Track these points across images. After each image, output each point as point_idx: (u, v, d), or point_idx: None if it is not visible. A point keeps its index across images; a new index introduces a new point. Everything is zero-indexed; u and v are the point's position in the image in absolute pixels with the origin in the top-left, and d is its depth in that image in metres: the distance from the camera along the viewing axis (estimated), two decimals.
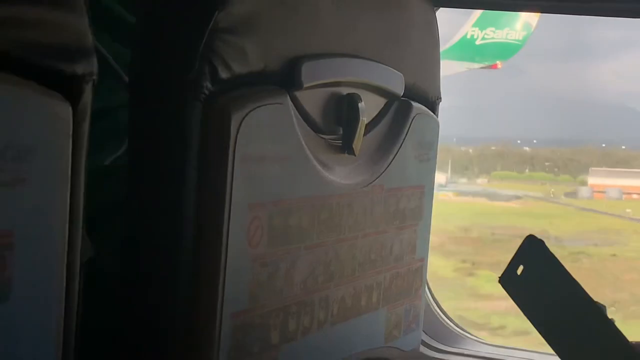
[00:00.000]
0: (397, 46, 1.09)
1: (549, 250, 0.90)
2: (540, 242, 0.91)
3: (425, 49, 1.17)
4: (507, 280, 0.94)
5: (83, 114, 0.65)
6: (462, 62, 13.24)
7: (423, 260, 1.19)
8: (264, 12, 0.83)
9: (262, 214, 0.84)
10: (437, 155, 1.21)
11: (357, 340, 1.06)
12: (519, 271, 0.93)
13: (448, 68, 13.23)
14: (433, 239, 1.22)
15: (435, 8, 1.22)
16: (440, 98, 1.23)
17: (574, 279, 0.87)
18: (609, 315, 0.87)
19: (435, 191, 1.18)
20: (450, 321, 1.71)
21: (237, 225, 0.81)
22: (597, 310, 0.86)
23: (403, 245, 1.13)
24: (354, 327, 1.04)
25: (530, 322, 0.93)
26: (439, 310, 1.71)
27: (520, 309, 0.93)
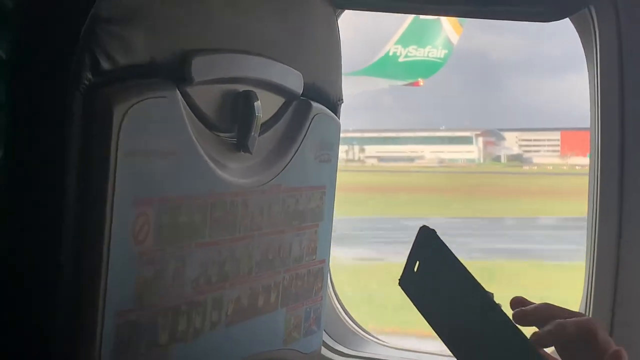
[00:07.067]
0: (295, 45, 1.08)
1: (440, 240, 0.85)
2: (432, 232, 0.86)
3: (326, 50, 1.17)
4: (407, 280, 0.88)
5: None
6: (385, 79, 13.39)
7: (324, 261, 1.19)
8: (150, 3, 0.82)
9: (149, 210, 0.82)
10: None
11: (255, 342, 1.04)
12: (416, 268, 0.86)
13: (371, 84, 13.37)
14: None
15: (337, 10, 1.22)
16: (342, 100, 1.22)
17: (463, 267, 0.83)
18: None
19: None
20: (354, 323, 1.71)
21: (122, 220, 0.78)
22: (485, 297, 0.82)
23: (303, 245, 1.12)
24: (251, 328, 1.02)
25: (429, 323, 0.87)
26: (343, 313, 1.70)
27: (419, 311, 0.87)
